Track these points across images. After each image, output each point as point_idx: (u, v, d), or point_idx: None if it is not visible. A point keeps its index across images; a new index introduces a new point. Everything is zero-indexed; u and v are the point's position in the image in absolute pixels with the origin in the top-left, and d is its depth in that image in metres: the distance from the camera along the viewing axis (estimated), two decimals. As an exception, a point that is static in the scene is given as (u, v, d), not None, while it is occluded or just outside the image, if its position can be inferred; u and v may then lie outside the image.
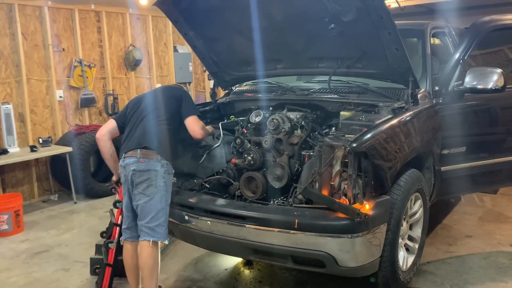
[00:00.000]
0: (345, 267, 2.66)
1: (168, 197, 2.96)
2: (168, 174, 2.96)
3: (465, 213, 4.80)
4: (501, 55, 4.32)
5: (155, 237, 2.88)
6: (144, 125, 3.02)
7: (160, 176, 2.90)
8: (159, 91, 3.26)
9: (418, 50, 3.77)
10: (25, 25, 5.64)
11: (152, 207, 2.88)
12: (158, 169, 2.89)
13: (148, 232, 2.88)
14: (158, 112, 3.04)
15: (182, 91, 3.23)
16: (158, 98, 3.12)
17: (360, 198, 2.64)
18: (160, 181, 2.90)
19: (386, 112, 3.11)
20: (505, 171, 4.07)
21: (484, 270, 3.56)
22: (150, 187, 2.89)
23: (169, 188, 2.97)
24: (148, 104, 3.09)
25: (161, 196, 2.90)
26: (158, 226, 2.88)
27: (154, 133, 2.97)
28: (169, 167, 2.96)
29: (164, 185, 2.91)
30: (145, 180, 2.89)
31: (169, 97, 3.12)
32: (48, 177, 5.92)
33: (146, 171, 2.89)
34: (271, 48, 3.53)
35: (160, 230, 2.90)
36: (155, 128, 2.99)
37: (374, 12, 2.86)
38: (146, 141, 2.95)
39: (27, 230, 4.79)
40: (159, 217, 2.89)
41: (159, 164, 2.90)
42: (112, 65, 6.65)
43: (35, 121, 5.80)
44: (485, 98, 3.76)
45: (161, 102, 3.08)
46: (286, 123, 3.21)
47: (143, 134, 2.98)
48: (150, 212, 2.88)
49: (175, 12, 3.53)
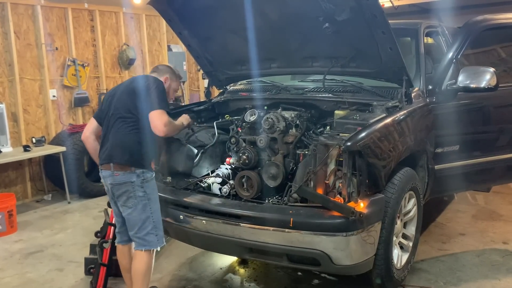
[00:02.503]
0: (340, 265, 2.67)
1: (152, 205, 2.86)
2: (147, 182, 2.84)
3: (459, 211, 4.84)
4: (494, 54, 4.35)
5: (146, 246, 2.85)
6: (115, 133, 2.86)
7: (137, 187, 2.80)
8: (125, 86, 2.99)
9: (411, 49, 3.79)
10: (18, 24, 5.60)
11: (137, 218, 2.83)
12: (134, 180, 2.79)
13: (139, 241, 2.86)
14: (126, 112, 2.85)
15: (146, 82, 2.91)
16: (125, 94, 2.91)
17: (354, 196, 2.65)
18: (138, 192, 2.81)
19: (380, 111, 3.13)
20: (497, 169, 4.10)
21: (477, 267, 3.59)
22: (130, 199, 2.82)
23: (152, 195, 2.87)
24: (117, 102, 2.90)
25: (143, 206, 2.82)
26: (147, 235, 2.84)
27: (123, 145, 2.82)
28: (146, 174, 2.84)
29: (144, 194, 2.82)
30: (123, 192, 2.82)
31: (132, 92, 2.88)
32: (42, 177, 5.89)
33: (123, 184, 2.81)
34: (265, 47, 3.53)
35: (150, 238, 2.85)
36: (124, 137, 2.83)
37: (368, 11, 2.87)
38: (116, 155, 2.82)
39: (21, 230, 4.77)
40: (146, 227, 2.84)
41: (134, 175, 2.79)
42: (105, 64, 6.62)
43: (28, 120, 5.77)
44: (478, 97, 3.79)
45: (127, 99, 2.88)
46: (281, 122, 3.21)
47: (114, 146, 2.84)
48: (136, 223, 2.84)
49: (169, 11, 3.52)
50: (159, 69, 3.14)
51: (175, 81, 3.16)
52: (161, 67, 3.18)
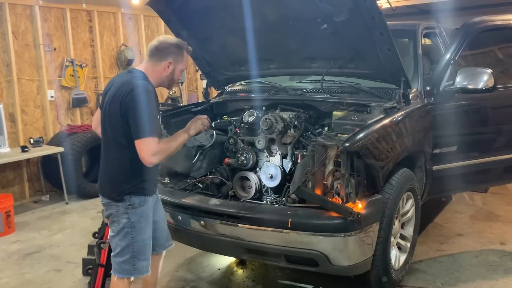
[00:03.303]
0: (338, 266, 2.68)
1: (136, 234, 2.51)
2: (133, 208, 2.49)
3: (456, 212, 4.85)
4: (491, 55, 4.37)
5: (119, 273, 2.57)
6: (104, 158, 2.56)
7: (121, 212, 2.49)
8: (110, 96, 2.47)
9: (409, 50, 3.80)
10: (16, 24, 5.59)
11: (117, 243, 2.54)
12: (118, 205, 2.49)
13: (114, 266, 2.59)
14: (113, 132, 2.46)
15: (129, 96, 2.35)
16: (110, 111, 2.45)
17: (352, 197, 2.66)
18: (122, 218, 2.49)
19: (378, 112, 3.14)
20: (495, 170, 4.11)
21: (475, 268, 3.60)
22: (114, 223, 2.54)
23: (138, 224, 2.51)
24: (106, 116, 2.50)
25: (125, 234, 2.51)
26: (123, 263, 2.54)
27: (109, 176, 2.53)
28: (134, 200, 2.48)
29: (128, 222, 2.49)
30: (109, 214, 2.56)
31: (116, 109, 2.40)
32: (40, 178, 5.88)
33: (108, 205, 2.54)
34: (264, 48, 3.54)
35: (126, 267, 2.55)
36: (111, 166, 2.52)
37: (366, 13, 2.87)
38: (102, 180, 2.58)
39: (18, 231, 4.76)
40: (124, 254, 2.53)
41: (119, 201, 2.49)
42: (104, 64, 6.61)
43: (26, 121, 5.76)
44: (475, 98, 3.80)
45: (112, 118, 2.45)
46: (279, 123, 3.22)
47: (101, 171, 2.59)
48: (116, 247, 2.56)
49: (168, 11, 3.52)
50: (160, 50, 2.50)
51: (181, 62, 2.56)
52: (161, 46, 2.50)
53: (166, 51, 2.50)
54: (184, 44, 2.57)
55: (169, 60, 2.50)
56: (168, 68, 2.51)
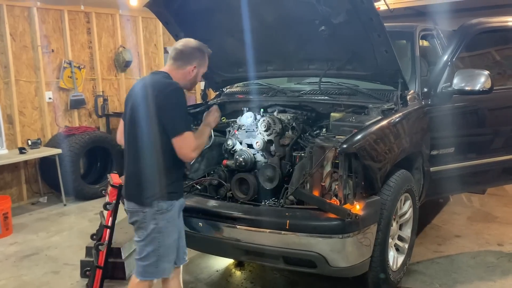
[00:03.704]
0: (336, 267, 2.68)
1: (162, 239, 2.52)
2: (161, 214, 2.48)
3: (454, 213, 4.86)
4: (488, 57, 4.38)
5: (142, 276, 2.59)
6: (133, 162, 2.54)
7: (149, 219, 2.48)
8: (140, 97, 2.51)
9: (407, 52, 3.81)
10: (14, 26, 5.59)
11: (143, 248, 2.55)
12: (146, 211, 2.49)
13: (138, 269, 2.61)
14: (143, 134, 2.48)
15: (162, 95, 2.42)
16: (139, 110, 2.49)
17: (350, 198, 2.67)
18: (149, 224, 2.49)
19: (376, 114, 3.14)
20: (492, 171, 4.13)
21: (473, 269, 3.61)
22: (141, 230, 2.54)
23: (166, 229, 2.51)
24: (136, 114, 2.51)
25: (151, 239, 2.51)
26: (147, 266, 2.57)
27: (138, 177, 2.51)
28: (162, 205, 2.48)
29: (155, 227, 2.49)
30: (135, 221, 2.56)
31: (148, 110, 2.44)
32: (37, 179, 5.87)
33: (134, 212, 2.54)
34: (262, 49, 3.54)
35: (149, 270, 2.57)
36: (140, 168, 2.50)
37: (364, 14, 2.88)
38: (129, 186, 2.58)
39: (16, 233, 4.75)
40: (149, 258, 2.55)
41: (147, 207, 2.49)
42: (102, 66, 6.61)
43: (24, 122, 5.75)
44: (473, 100, 3.81)
45: (143, 117, 2.46)
46: (277, 125, 3.22)
47: (129, 176, 2.58)
48: (141, 252, 2.57)
49: (166, 13, 3.52)
50: (185, 55, 2.56)
51: (204, 65, 2.64)
52: (187, 51, 2.56)
53: (191, 56, 2.56)
54: (206, 48, 2.64)
55: (194, 64, 2.57)
56: (193, 72, 2.58)
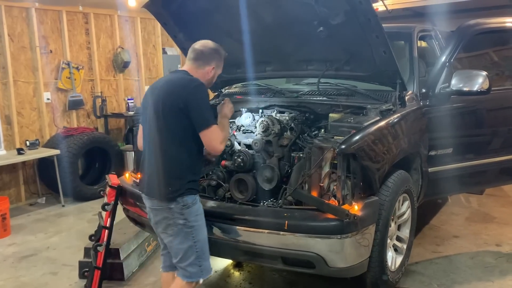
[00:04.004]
0: (334, 268, 2.68)
1: (196, 233, 2.55)
2: (188, 208, 2.52)
3: (452, 213, 4.87)
4: (486, 58, 4.39)
5: (188, 277, 2.60)
6: (156, 158, 2.55)
7: (177, 214, 2.51)
8: (162, 94, 2.54)
9: (405, 52, 3.82)
10: (12, 27, 5.58)
11: (179, 246, 2.57)
12: (172, 207, 2.51)
13: (181, 271, 2.62)
14: (167, 130, 2.50)
15: (186, 92, 2.47)
16: (163, 105, 2.50)
17: (349, 199, 2.67)
18: (178, 219, 2.52)
19: (374, 114, 3.15)
20: (490, 172, 4.13)
21: (471, 269, 3.61)
22: (170, 226, 2.55)
23: (196, 223, 2.55)
24: (159, 111, 2.52)
25: (184, 234, 2.53)
26: (189, 266, 2.58)
27: (161, 171, 2.53)
28: (187, 200, 2.51)
29: (185, 222, 2.52)
30: (162, 219, 2.57)
31: (173, 105, 2.47)
32: (36, 180, 5.86)
33: (160, 209, 2.55)
34: (260, 50, 3.54)
35: (192, 269, 2.58)
36: (163, 164, 2.52)
37: (362, 15, 2.89)
38: (152, 184, 2.58)
39: (14, 234, 4.74)
40: (188, 257, 2.56)
41: (172, 202, 2.51)
42: (100, 67, 6.61)
43: (22, 123, 5.74)
44: (471, 100, 3.82)
45: (167, 114, 2.49)
46: (276, 125, 3.22)
47: (152, 173, 2.59)
48: (178, 252, 2.59)
49: (164, 14, 3.52)
50: (204, 55, 2.64)
51: (220, 66, 2.75)
52: (206, 52, 2.65)
53: (210, 56, 2.67)
54: (223, 50, 2.75)
55: (213, 65, 2.67)
56: (211, 72, 2.68)
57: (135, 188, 3.31)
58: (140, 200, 3.22)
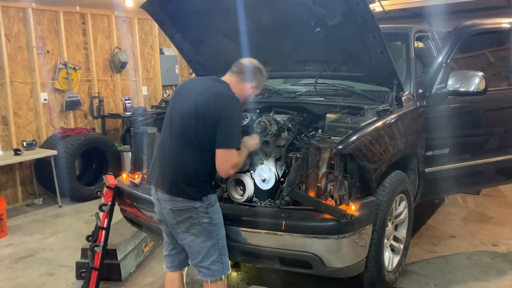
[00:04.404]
0: (331, 268, 2.68)
1: (219, 231, 2.60)
2: (212, 207, 2.56)
3: (449, 213, 4.88)
4: (483, 58, 4.41)
5: (211, 276, 2.62)
6: (178, 159, 2.54)
7: (201, 213, 2.53)
8: (201, 100, 2.51)
9: (402, 53, 3.83)
10: (9, 27, 5.57)
11: (201, 245, 2.57)
12: (197, 206, 2.52)
13: (204, 271, 2.63)
14: (194, 135, 2.50)
15: (220, 105, 2.45)
16: (196, 112, 2.49)
17: (346, 199, 2.67)
18: (203, 218, 2.54)
19: (371, 115, 3.15)
20: (487, 172, 4.15)
21: (468, 269, 3.63)
22: (194, 226, 2.55)
23: (218, 220, 2.60)
24: (190, 114, 2.50)
25: (208, 233, 2.56)
26: (212, 264, 2.60)
27: (187, 175, 2.53)
28: (211, 198, 2.56)
29: (210, 221, 2.55)
30: (186, 219, 2.55)
31: (207, 114, 2.46)
32: (32, 181, 5.85)
33: (185, 210, 2.54)
34: (258, 51, 3.52)
35: (216, 267, 2.60)
36: (189, 166, 2.52)
37: (359, 16, 2.89)
38: (179, 186, 2.54)
39: (11, 235, 4.72)
40: (211, 254, 2.58)
41: (198, 201, 2.53)
42: (97, 67, 6.60)
43: (19, 124, 5.73)
44: (467, 101, 3.84)
45: (195, 121, 2.49)
46: (273, 126, 3.22)
47: (173, 172, 2.56)
48: (200, 252, 2.58)
49: (161, 14, 3.52)
50: (249, 72, 2.66)
51: (259, 87, 2.77)
52: (252, 69, 2.67)
53: (255, 75, 2.68)
54: (267, 72, 2.77)
55: (254, 83, 2.68)
56: (250, 90, 2.69)
57: (132, 189, 3.31)
58: (137, 201, 3.23)
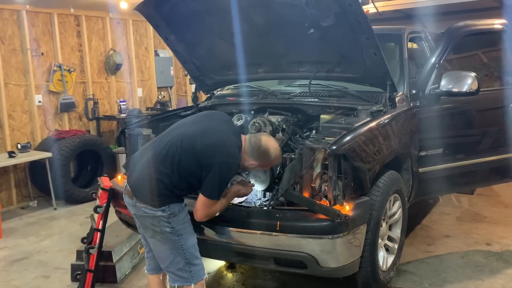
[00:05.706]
0: (326, 268, 2.69)
1: (184, 241, 2.55)
2: (174, 217, 2.51)
3: (443, 213, 4.91)
4: (475, 59, 4.44)
5: (179, 281, 2.62)
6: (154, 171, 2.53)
7: (163, 222, 2.50)
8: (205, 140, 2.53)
9: (395, 54, 3.85)
10: (3, 29, 5.55)
11: (167, 252, 2.57)
12: (158, 215, 2.50)
13: (172, 276, 2.63)
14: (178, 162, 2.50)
15: (222, 159, 2.48)
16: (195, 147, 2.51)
17: (340, 199, 2.69)
18: (165, 227, 2.51)
19: (365, 115, 3.18)
20: (480, 172, 4.18)
21: (462, 268, 3.65)
22: (156, 233, 2.55)
23: (184, 230, 2.56)
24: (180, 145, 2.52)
25: (172, 242, 2.53)
26: (179, 271, 2.58)
27: (154, 182, 2.51)
28: (173, 208, 2.52)
29: (172, 230, 2.52)
30: (148, 225, 2.56)
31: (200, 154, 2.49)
32: (27, 183, 5.83)
33: (146, 217, 2.54)
34: (252, 52, 3.56)
35: (183, 274, 2.58)
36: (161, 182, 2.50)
37: (352, 17, 2.91)
38: (142, 187, 2.55)
39: (6, 237, 4.70)
40: (177, 262, 2.57)
41: (158, 210, 2.50)
42: (92, 69, 6.59)
43: (13, 126, 5.70)
44: (460, 101, 3.87)
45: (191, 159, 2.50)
46: (268, 127, 3.24)
47: (143, 177, 2.56)
48: (166, 258, 2.59)
49: (156, 16, 3.53)
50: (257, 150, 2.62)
51: (261, 167, 2.75)
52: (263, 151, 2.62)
53: (261, 156, 2.65)
54: (279, 160, 2.78)
55: (257, 163, 2.67)
56: (250, 165, 2.68)
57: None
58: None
